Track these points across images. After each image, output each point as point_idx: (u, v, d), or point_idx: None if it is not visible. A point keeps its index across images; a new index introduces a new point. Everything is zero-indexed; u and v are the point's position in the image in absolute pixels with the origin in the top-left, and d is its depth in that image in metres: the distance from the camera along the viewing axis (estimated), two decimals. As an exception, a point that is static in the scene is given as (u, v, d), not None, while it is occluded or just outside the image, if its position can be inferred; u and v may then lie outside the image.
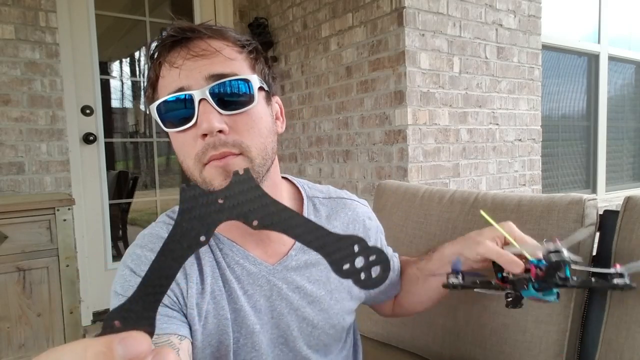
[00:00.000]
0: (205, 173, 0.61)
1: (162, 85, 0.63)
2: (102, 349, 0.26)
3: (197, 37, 0.63)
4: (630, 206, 0.87)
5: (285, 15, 2.65)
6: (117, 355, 0.26)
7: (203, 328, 0.65)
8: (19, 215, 1.71)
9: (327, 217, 0.77)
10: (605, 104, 3.42)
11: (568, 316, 0.91)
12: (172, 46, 0.63)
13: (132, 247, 0.68)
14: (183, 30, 0.63)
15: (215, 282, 0.67)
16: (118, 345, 0.26)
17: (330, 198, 0.80)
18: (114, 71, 2.89)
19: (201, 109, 0.60)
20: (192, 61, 0.61)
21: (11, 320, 1.73)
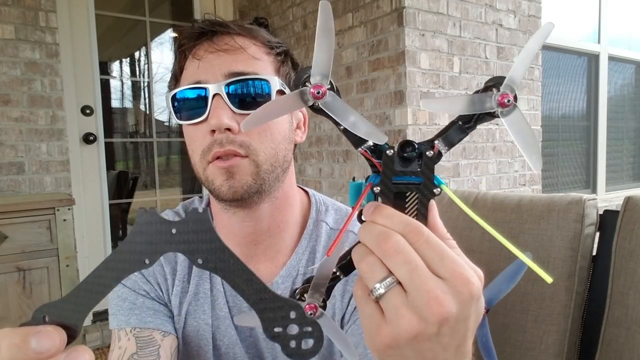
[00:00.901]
0: (208, 172, 0.59)
1: (184, 77, 0.63)
2: (17, 341, 0.26)
3: (224, 32, 0.61)
4: (630, 206, 0.87)
5: (285, 15, 2.65)
6: (30, 348, 0.26)
7: (183, 327, 0.65)
8: (19, 215, 1.71)
9: (325, 248, 0.69)
10: (605, 104, 3.42)
11: (568, 316, 0.91)
12: (198, 38, 0.62)
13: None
14: (212, 24, 0.62)
15: (201, 284, 0.65)
16: (32, 338, 0.27)
17: (338, 230, 0.70)
18: (114, 71, 2.89)
19: (214, 104, 0.58)
20: (215, 55, 0.60)
21: (11, 320, 1.73)
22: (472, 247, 1.03)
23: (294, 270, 0.66)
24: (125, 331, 0.61)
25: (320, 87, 0.31)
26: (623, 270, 0.85)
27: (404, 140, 0.34)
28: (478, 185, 2.29)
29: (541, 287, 0.93)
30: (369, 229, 0.32)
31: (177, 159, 3.11)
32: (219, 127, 0.57)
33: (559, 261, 0.92)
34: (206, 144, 0.58)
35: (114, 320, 0.63)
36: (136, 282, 0.64)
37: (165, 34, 2.90)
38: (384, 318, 0.31)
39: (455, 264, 0.31)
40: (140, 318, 0.61)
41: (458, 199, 0.35)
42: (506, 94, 0.35)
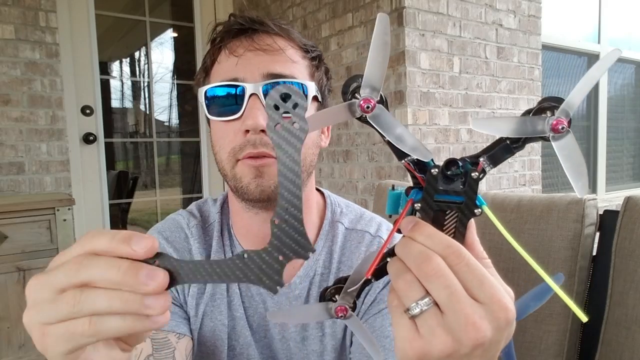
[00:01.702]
0: (237, 169, 0.59)
1: (217, 71, 0.62)
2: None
3: (264, 30, 0.61)
4: (630, 206, 0.87)
5: (285, 15, 2.65)
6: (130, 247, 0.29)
7: (199, 328, 0.65)
8: (19, 215, 1.71)
9: (342, 248, 0.69)
10: (605, 104, 3.42)
11: (568, 316, 0.91)
12: (237, 35, 0.61)
13: (152, 230, 0.68)
14: (252, 21, 0.61)
15: (218, 285, 0.65)
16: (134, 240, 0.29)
17: (354, 230, 0.70)
18: (114, 71, 2.89)
19: (250, 103, 0.57)
20: (254, 54, 0.59)
21: (11, 320, 1.73)
22: (472, 247, 1.03)
23: (311, 270, 0.67)
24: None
25: (370, 101, 0.31)
26: (623, 270, 0.85)
27: (449, 159, 0.34)
28: (478, 185, 2.29)
29: (541, 287, 0.93)
30: (408, 247, 0.32)
31: (177, 159, 3.11)
32: (255, 128, 0.56)
33: (559, 261, 0.92)
34: (238, 142, 0.58)
35: None
36: None
37: (166, 34, 2.90)
38: (417, 332, 0.32)
39: (494, 289, 0.31)
40: None
41: (498, 221, 0.36)
42: (561, 119, 0.34)
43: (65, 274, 0.29)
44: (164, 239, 0.65)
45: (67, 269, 0.29)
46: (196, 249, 0.66)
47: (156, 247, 0.30)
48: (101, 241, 0.29)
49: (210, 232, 0.67)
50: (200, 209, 0.70)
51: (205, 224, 0.68)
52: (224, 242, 0.67)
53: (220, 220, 0.68)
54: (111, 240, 0.29)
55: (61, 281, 0.29)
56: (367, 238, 0.69)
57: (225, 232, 0.68)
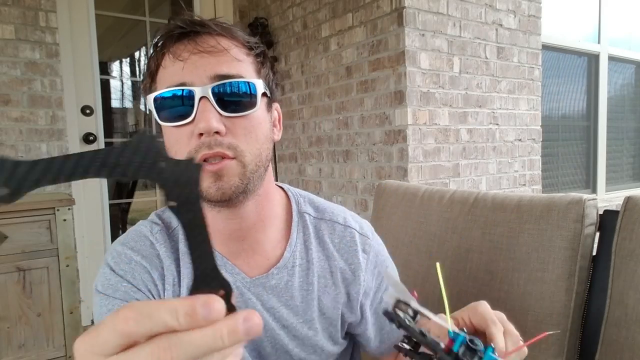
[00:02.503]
0: None
1: (163, 76, 0.61)
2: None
3: (206, 32, 0.61)
4: (630, 206, 0.87)
5: (285, 15, 2.65)
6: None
7: None
8: (19, 215, 1.71)
9: (316, 238, 0.72)
10: (605, 104, 3.42)
11: (568, 316, 0.91)
12: (179, 38, 0.61)
13: (115, 244, 0.67)
14: (192, 24, 0.60)
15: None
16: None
17: (323, 220, 0.74)
18: (114, 71, 2.89)
19: (201, 107, 0.58)
20: (199, 56, 0.59)
21: (11, 320, 1.73)
22: (472, 247, 1.04)
23: (289, 262, 0.69)
24: None
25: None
26: (623, 270, 0.85)
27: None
28: (478, 185, 2.29)
29: (541, 287, 0.93)
30: None
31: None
32: (208, 131, 0.57)
33: (559, 261, 0.92)
34: (192, 146, 0.58)
35: None
36: (127, 293, 0.62)
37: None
38: None
39: None
40: None
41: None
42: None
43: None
44: (129, 249, 0.65)
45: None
46: (164, 253, 0.65)
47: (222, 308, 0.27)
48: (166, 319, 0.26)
49: (175, 237, 0.68)
50: (160, 217, 0.70)
51: (169, 229, 0.68)
52: None
53: None
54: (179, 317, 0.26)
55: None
56: (339, 228, 0.73)
57: None
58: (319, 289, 0.70)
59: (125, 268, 0.63)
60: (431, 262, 1.13)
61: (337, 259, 0.72)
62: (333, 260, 0.72)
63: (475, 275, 1.02)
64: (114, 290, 0.62)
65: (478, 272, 1.02)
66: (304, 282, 0.69)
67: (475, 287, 1.01)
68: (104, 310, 0.62)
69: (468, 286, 1.03)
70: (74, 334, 1.84)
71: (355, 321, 0.74)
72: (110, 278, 0.63)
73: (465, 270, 1.04)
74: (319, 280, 0.70)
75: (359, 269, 0.72)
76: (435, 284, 1.10)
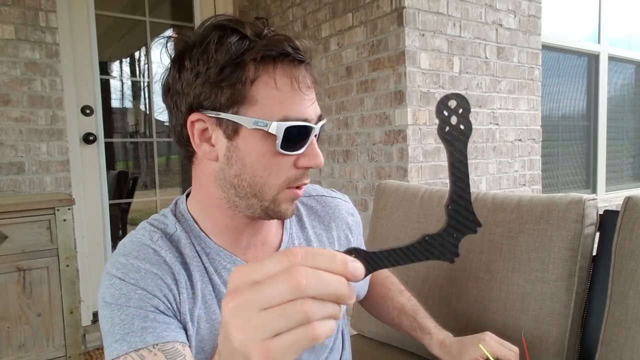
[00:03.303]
0: (282, 195, 0.64)
1: (282, 100, 0.60)
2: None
3: (310, 65, 0.64)
4: (630, 206, 0.87)
5: (285, 15, 2.65)
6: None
7: (196, 333, 0.65)
8: (19, 215, 1.71)
9: (307, 215, 0.80)
10: (605, 104, 3.42)
11: (568, 316, 0.91)
12: (298, 63, 0.62)
13: (116, 257, 0.65)
14: (305, 52, 0.62)
15: (205, 287, 0.66)
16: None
17: (310, 196, 0.82)
18: (114, 71, 2.89)
19: (313, 142, 0.63)
20: (310, 91, 0.63)
21: (11, 320, 1.73)
22: (472, 247, 1.04)
23: (290, 244, 0.75)
24: (147, 350, 0.58)
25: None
26: (623, 270, 0.85)
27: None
28: (478, 185, 2.29)
29: (541, 287, 0.93)
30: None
31: (177, 159, 3.10)
32: (320, 166, 0.64)
33: (559, 261, 0.92)
34: (294, 174, 0.63)
35: (124, 344, 0.58)
36: (142, 300, 0.61)
37: (166, 34, 2.90)
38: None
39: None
40: (156, 334, 0.59)
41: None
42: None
43: (285, 288, 0.31)
44: (134, 258, 0.63)
45: (284, 283, 0.31)
46: (170, 259, 0.65)
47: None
48: (320, 260, 0.32)
49: (175, 241, 0.67)
50: (154, 225, 0.70)
51: (167, 235, 0.68)
52: (195, 246, 0.68)
53: (182, 228, 0.69)
54: (330, 260, 0.33)
55: (281, 296, 0.31)
56: (328, 200, 0.82)
57: (191, 237, 0.68)
58: None
59: (135, 276, 0.61)
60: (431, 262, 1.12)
61: (334, 229, 0.80)
62: (331, 230, 0.80)
63: (475, 275, 1.02)
64: (127, 299, 0.60)
65: (478, 272, 1.02)
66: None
67: (475, 287, 1.01)
68: (116, 320, 0.59)
69: (468, 286, 1.03)
70: (74, 334, 1.84)
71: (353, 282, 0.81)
72: (121, 288, 0.61)
73: (465, 270, 1.04)
74: None
75: (349, 231, 0.83)
76: (435, 284, 1.10)
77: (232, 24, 0.60)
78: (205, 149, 0.63)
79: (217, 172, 0.64)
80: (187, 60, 0.61)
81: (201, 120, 0.62)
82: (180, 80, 0.62)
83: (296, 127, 0.60)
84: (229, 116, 0.60)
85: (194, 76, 0.60)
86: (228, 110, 0.60)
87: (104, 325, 0.61)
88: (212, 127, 0.62)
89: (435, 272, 1.10)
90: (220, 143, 0.62)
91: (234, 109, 0.60)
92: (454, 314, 1.04)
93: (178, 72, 0.62)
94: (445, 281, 1.07)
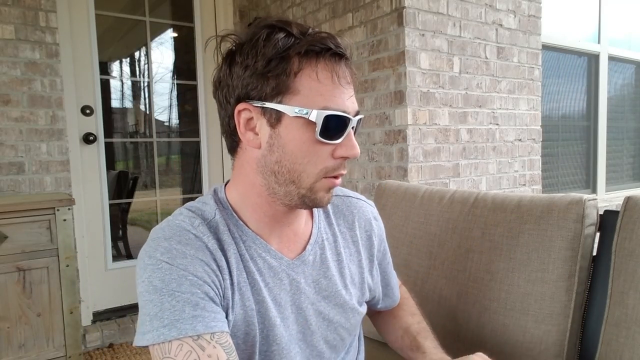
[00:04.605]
0: (319, 183, 0.67)
1: (324, 92, 0.64)
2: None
3: (350, 62, 0.68)
4: (630, 206, 0.87)
5: (285, 16, 2.65)
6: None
7: (232, 319, 0.66)
8: (19, 215, 1.71)
9: (334, 213, 0.82)
10: (605, 104, 3.42)
11: (568, 316, 0.91)
12: (339, 58, 0.65)
13: (157, 241, 0.64)
14: (346, 49, 0.66)
15: (240, 274, 0.68)
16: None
17: (337, 196, 0.83)
18: (114, 71, 2.89)
19: (350, 134, 0.66)
20: (350, 86, 0.66)
21: (11, 320, 1.73)
22: (472, 247, 1.04)
23: (319, 237, 0.77)
24: (205, 340, 0.59)
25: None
26: (623, 270, 0.85)
27: None
28: (478, 185, 2.29)
29: (541, 287, 0.93)
30: None
31: (177, 159, 3.10)
32: (356, 157, 0.67)
33: (559, 261, 0.92)
34: (331, 163, 0.66)
35: (173, 330, 0.58)
36: (193, 286, 0.61)
37: (166, 34, 2.90)
38: None
39: None
40: (205, 323, 0.59)
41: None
42: None
43: None
44: (177, 243, 0.64)
45: None
46: (212, 245, 0.66)
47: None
48: None
49: (214, 227, 0.69)
50: (193, 210, 0.70)
51: (206, 220, 0.69)
52: (232, 233, 0.70)
53: (221, 215, 0.70)
54: None
55: None
56: (354, 201, 0.85)
57: (230, 224, 0.70)
58: (346, 258, 0.79)
59: (183, 262, 0.62)
60: (431, 262, 1.12)
61: (357, 228, 0.82)
62: (354, 229, 0.82)
63: (475, 275, 1.02)
64: (179, 285, 0.60)
65: (478, 272, 1.02)
66: (334, 253, 0.78)
67: (475, 287, 1.01)
68: (166, 306, 0.59)
69: (468, 286, 1.03)
70: (74, 334, 1.84)
71: (372, 281, 0.85)
72: (171, 272, 0.61)
73: (465, 270, 1.04)
74: (344, 250, 0.79)
75: (373, 234, 0.84)
76: (435, 284, 1.10)
77: (280, 23, 0.64)
78: (249, 137, 0.67)
79: (259, 159, 0.67)
80: (238, 55, 0.65)
81: (247, 110, 0.66)
82: (230, 74, 0.66)
83: (335, 116, 0.64)
84: (273, 105, 0.64)
85: (243, 69, 0.64)
86: (272, 100, 0.64)
87: (151, 309, 0.60)
88: (257, 116, 0.66)
89: (435, 272, 1.10)
90: (263, 131, 0.66)
91: (278, 99, 0.64)
92: (454, 314, 1.04)
93: (229, 67, 0.66)
94: (445, 281, 1.07)
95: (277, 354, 0.70)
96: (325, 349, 0.76)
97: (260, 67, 0.63)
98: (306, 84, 0.63)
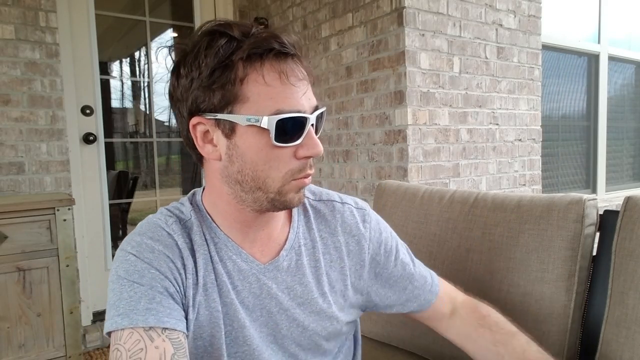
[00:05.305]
0: (288, 186, 0.65)
1: (273, 94, 0.61)
2: None
3: (299, 58, 0.65)
4: (630, 206, 0.87)
5: (285, 15, 2.65)
6: None
7: (195, 319, 0.67)
8: (19, 215, 1.71)
9: (315, 218, 0.79)
10: (605, 104, 3.42)
11: (568, 316, 0.91)
12: (285, 57, 0.63)
13: (131, 235, 0.68)
14: (293, 46, 0.63)
15: (207, 275, 0.68)
16: None
17: (321, 200, 0.81)
18: (114, 71, 2.89)
19: (310, 133, 0.64)
20: (302, 83, 0.64)
21: (11, 320, 1.73)
22: (472, 247, 1.04)
23: (295, 243, 0.75)
24: (156, 332, 0.59)
25: None
26: (623, 270, 0.85)
27: None
28: (478, 185, 2.29)
29: (541, 287, 0.93)
30: None
31: (177, 159, 3.10)
32: (319, 155, 0.65)
33: (559, 261, 0.92)
34: (296, 165, 0.65)
35: (125, 319, 0.60)
36: (154, 279, 0.63)
37: (166, 34, 2.90)
38: None
39: None
40: (158, 317, 0.60)
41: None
42: None
43: None
44: (149, 239, 0.66)
45: None
46: (181, 243, 0.67)
47: None
48: None
49: (188, 227, 0.70)
50: (171, 210, 0.72)
51: (181, 220, 0.70)
52: (204, 234, 0.70)
53: (196, 216, 0.72)
54: None
55: None
56: (337, 205, 0.81)
57: (203, 226, 0.71)
58: (326, 265, 0.76)
59: (149, 256, 0.64)
60: (431, 262, 1.12)
61: (340, 234, 0.78)
62: (337, 235, 0.78)
63: (475, 275, 1.02)
64: (140, 277, 0.62)
65: (478, 272, 1.02)
66: (312, 260, 0.75)
67: (475, 287, 1.01)
68: (124, 295, 0.62)
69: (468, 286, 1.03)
70: (74, 334, 1.84)
71: (365, 288, 0.80)
72: (136, 264, 0.63)
73: (465, 270, 1.04)
74: (324, 257, 0.76)
75: (363, 239, 0.79)
76: (435, 284, 1.09)
77: (221, 28, 0.62)
78: (208, 150, 0.66)
79: (222, 170, 0.67)
80: (182, 67, 0.64)
81: (201, 123, 0.64)
82: (178, 87, 0.65)
83: (289, 118, 0.61)
84: (224, 116, 0.62)
85: (189, 82, 0.63)
86: (223, 111, 0.62)
87: (111, 297, 0.63)
88: (212, 128, 0.64)
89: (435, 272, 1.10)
90: (221, 142, 0.65)
91: (228, 109, 0.62)
92: (454, 314, 1.04)
93: (177, 79, 0.65)
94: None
95: (248, 355, 0.70)
96: (300, 351, 0.75)
97: (204, 79, 0.61)
98: (254, 90, 0.61)
